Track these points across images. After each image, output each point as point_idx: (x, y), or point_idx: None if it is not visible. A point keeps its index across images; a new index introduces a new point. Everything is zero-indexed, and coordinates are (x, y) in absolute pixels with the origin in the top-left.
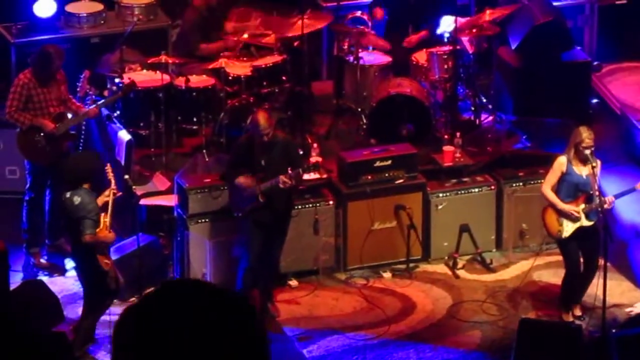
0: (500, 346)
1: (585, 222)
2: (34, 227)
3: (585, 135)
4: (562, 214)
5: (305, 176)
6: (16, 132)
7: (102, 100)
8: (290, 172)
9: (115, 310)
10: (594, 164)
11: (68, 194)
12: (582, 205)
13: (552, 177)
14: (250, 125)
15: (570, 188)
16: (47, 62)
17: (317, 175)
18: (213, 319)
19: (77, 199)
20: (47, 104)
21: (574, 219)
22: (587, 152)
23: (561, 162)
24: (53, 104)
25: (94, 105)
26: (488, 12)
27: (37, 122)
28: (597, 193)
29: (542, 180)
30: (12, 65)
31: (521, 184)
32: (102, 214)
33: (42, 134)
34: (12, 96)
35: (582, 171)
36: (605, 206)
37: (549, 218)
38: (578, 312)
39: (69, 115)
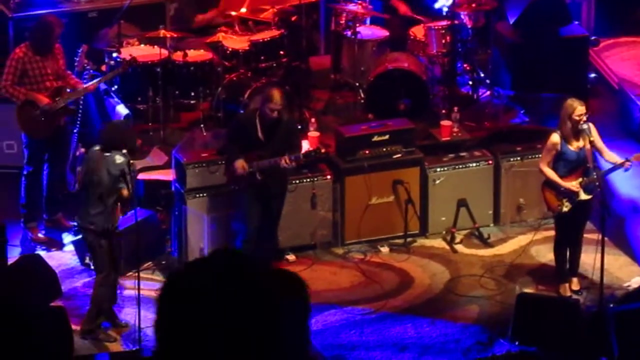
0: (497, 320)
1: (583, 196)
2: (31, 202)
3: (576, 105)
4: (561, 191)
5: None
6: (15, 106)
7: (102, 76)
8: (292, 155)
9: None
10: (590, 137)
11: (108, 154)
12: (580, 179)
13: (547, 155)
14: (262, 99)
15: (566, 164)
16: (48, 32)
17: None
18: (263, 292)
19: (119, 158)
20: (44, 78)
21: (573, 195)
22: (582, 121)
23: (554, 141)
24: (49, 78)
25: (94, 81)
26: None
27: (31, 97)
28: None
29: (540, 155)
30: (9, 40)
31: (519, 158)
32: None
33: (38, 109)
34: (7, 70)
35: (577, 146)
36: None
37: (548, 195)
38: (576, 286)
39: (68, 90)
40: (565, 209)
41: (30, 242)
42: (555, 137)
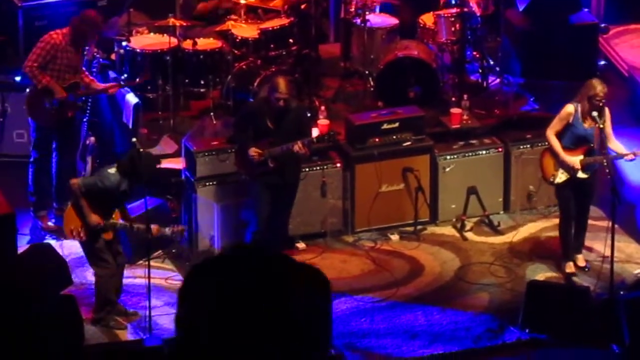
0: (508, 308)
1: (580, 175)
2: (40, 190)
3: (600, 88)
4: (561, 162)
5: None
6: (28, 89)
7: (125, 83)
8: (305, 140)
9: (124, 274)
10: (602, 121)
11: (112, 170)
12: (581, 157)
13: (558, 124)
14: (268, 88)
15: (573, 138)
16: (93, 28)
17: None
18: (285, 286)
19: (112, 170)
20: (65, 70)
21: (571, 170)
22: (601, 104)
23: (569, 112)
24: (69, 70)
25: (113, 84)
26: None
27: (52, 85)
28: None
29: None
30: (19, 29)
31: (529, 146)
32: (116, 210)
33: (51, 98)
34: (39, 52)
35: (589, 124)
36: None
37: (546, 161)
38: (582, 263)
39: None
40: (558, 180)
41: (41, 230)
42: (570, 108)
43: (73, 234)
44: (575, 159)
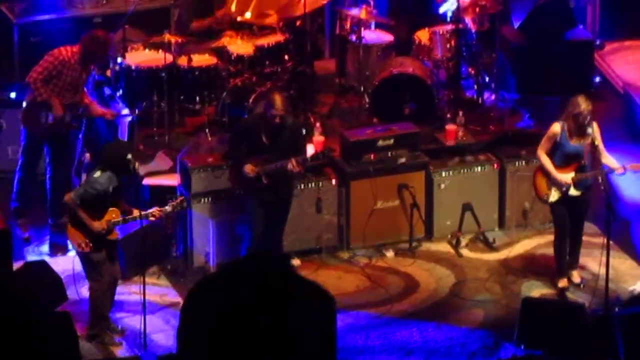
0: (503, 324)
1: (572, 192)
2: (24, 197)
3: (584, 106)
4: (552, 181)
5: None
6: (26, 100)
7: (123, 113)
8: (299, 158)
9: (117, 289)
10: (595, 139)
11: (97, 173)
12: (572, 174)
13: (547, 143)
14: (264, 104)
15: (563, 156)
16: (104, 47)
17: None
18: (291, 300)
19: (97, 174)
20: (67, 87)
21: (563, 187)
22: (585, 122)
23: (555, 131)
24: (71, 89)
25: (112, 112)
26: None
27: (52, 101)
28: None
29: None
30: (14, 45)
31: (524, 162)
32: (112, 209)
33: (48, 113)
34: (46, 65)
35: (577, 141)
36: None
37: (539, 180)
38: (577, 279)
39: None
40: (552, 199)
41: (22, 241)
42: (556, 127)
43: (82, 247)
44: (567, 177)
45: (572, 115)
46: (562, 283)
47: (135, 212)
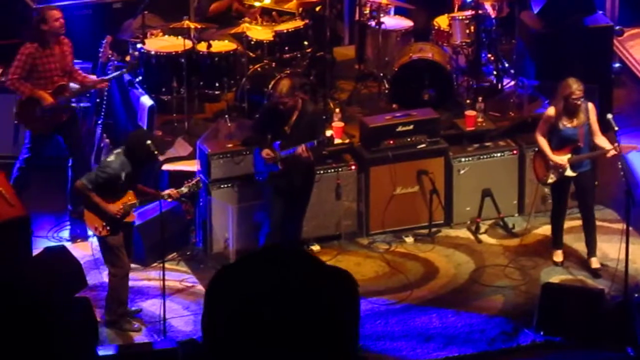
0: (522, 311)
1: (568, 173)
2: (18, 191)
3: (575, 86)
4: (549, 163)
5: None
6: (16, 101)
7: (110, 75)
8: (307, 143)
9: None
10: (589, 117)
11: (112, 157)
12: (568, 156)
13: (543, 126)
14: (270, 90)
15: (558, 138)
16: (39, 21)
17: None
18: (315, 287)
19: (110, 157)
20: (52, 74)
21: (560, 170)
22: (578, 103)
23: (549, 114)
24: (58, 73)
25: (102, 79)
26: None
27: (37, 94)
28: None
29: None
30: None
31: None
32: (129, 192)
33: (40, 106)
34: (17, 64)
35: (570, 123)
36: (612, 153)
37: (537, 163)
38: (596, 265)
39: (73, 85)
40: (550, 181)
41: None
42: (550, 111)
43: (99, 231)
44: (562, 158)
45: (564, 97)
46: (556, 256)
47: (152, 194)
